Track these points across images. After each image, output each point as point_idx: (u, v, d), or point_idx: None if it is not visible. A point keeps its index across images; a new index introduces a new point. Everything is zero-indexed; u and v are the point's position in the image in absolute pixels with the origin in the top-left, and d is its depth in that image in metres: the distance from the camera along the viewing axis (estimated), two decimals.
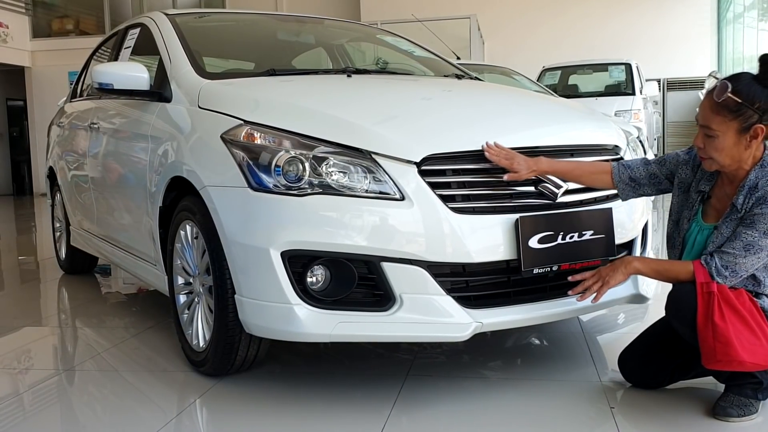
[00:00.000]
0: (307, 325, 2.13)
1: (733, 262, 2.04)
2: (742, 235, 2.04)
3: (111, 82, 2.98)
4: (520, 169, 2.21)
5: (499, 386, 2.44)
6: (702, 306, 2.02)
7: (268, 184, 2.19)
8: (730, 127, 2.04)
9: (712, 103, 2.05)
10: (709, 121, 2.07)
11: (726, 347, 1.96)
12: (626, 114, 8.67)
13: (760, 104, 2.00)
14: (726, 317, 1.98)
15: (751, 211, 2.04)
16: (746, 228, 2.04)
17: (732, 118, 2.03)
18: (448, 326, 2.15)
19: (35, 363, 2.99)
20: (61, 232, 4.82)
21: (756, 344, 1.97)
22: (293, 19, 3.92)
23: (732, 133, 2.04)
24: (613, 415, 2.15)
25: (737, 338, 1.96)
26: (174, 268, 2.72)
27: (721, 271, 2.05)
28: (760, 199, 2.03)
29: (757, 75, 2.03)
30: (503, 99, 2.90)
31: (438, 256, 2.14)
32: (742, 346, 1.96)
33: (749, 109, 2.00)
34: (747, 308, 2.01)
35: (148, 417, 2.28)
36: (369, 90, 2.82)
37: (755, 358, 1.97)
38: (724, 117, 2.03)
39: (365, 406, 2.29)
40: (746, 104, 2.00)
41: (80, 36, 14.17)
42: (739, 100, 2.00)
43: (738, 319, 1.99)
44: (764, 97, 2.00)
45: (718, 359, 1.99)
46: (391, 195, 2.14)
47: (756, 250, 2.02)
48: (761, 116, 2.01)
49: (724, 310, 1.99)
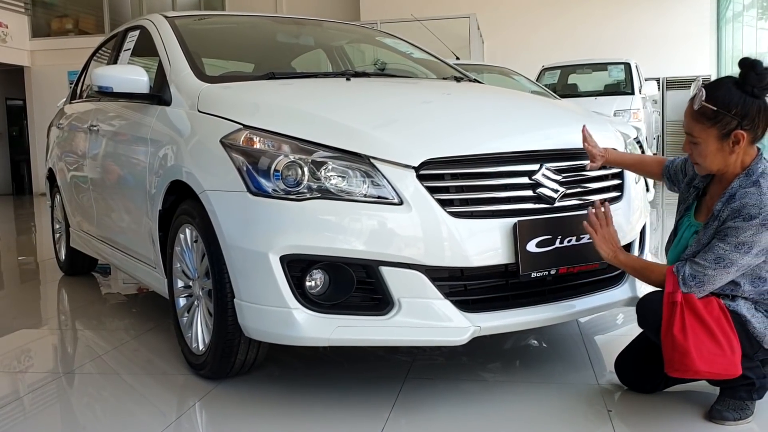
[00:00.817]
0: (306, 329, 2.14)
1: (702, 273, 2.04)
2: (715, 248, 2.03)
3: (110, 86, 2.99)
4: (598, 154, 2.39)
5: (497, 389, 2.45)
6: (666, 315, 2.05)
7: (267, 188, 2.20)
8: (710, 134, 2.05)
9: (691, 111, 2.07)
10: (690, 128, 2.09)
11: (683, 357, 1.99)
12: (625, 113, 8.67)
13: (737, 110, 2.00)
14: (687, 328, 2.00)
15: (725, 223, 2.04)
16: (719, 240, 2.03)
17: (711, 126, 2.04)
18: (446, 330, 2.16)
19: (35, 365, 3.00)
20: (60, 233, 4.83)
21: (716, 354, 1.98)
22: (292, 21, 3.93)
23: (713, 139, 2.05)
24: (610, 418, 2.16)
25: (696, 349, 1.97)
26: (173, 271, 2.73)
27: (688, 281, 2.06)
28: (734, 211, 2.01)
29: (737, 80, 2.04)
30: (501, 102, 2.91)
31: (436, 261, 2.15)
32: (700, 357, 1.97)
33: (726, 115, 2.01)
34: (714, 317, 2.02)
35: (149, 420, 2.29)
36: (368, 93, 2.83)
37: (713, 368, 1.99)
38: (703, 125, 2.05)
39: (364, 409, 2.30)
40: (722, 111, 2.01)
41: (79, 35, 14.16)
42: (714, 107, 2.01)
43: (702, 329, 2.00)
44: (741, 102, 2.00)
45: (676, 368, 2.02)
46: (389, 199, 2.15)
47: (726, 264, 2.01)
48: (740, 122, 2.01)
49: (687, 320, 2.01)
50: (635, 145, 2.93)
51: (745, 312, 2.07)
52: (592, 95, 9.39)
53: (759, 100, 2.02)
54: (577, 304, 2.35)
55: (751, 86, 2.00)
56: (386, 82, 3.24)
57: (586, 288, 2.38)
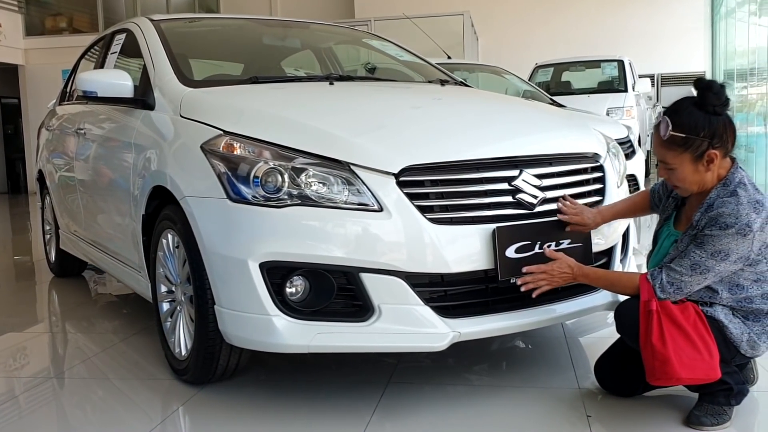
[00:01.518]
0: (286, 336, 2.14)
1: (679, 279, 2.06)
2: (691, 254, 2.05)
3: (95, 90, 2.99)
4: (589, 222, 2.33)
5: (481, 393, 2.46)
6: (643, 324, 2.06)
7: (246, 195, 2.20)
8: (684, 159, 2.07)
9: (660, 141, 2.09)
10: (663, 156, 2.11)
11: (664, 365, 2.01)
12: (618, 111, 8.67)
13: (705, 132, 2.03)
14: (666, 335, 2.02)
15: (703, 231, 2.05)
16: (696, 247, 2.05)
17: (683, 151, 2.06)
18: (426, 336, 2.16)
19: (24, 367, 3.01)
20: (50, 234, 4.83)
21: (696, 359, 2.00)
22: (280, 24, 3.92)
23: (687, 163, 2.07)
24: (589, 423, 2.17)
25: (676, 355, 1.99)
26: (157, 276, 2.74)
27: (666, 287, 2.07)
28: (711, 219, 2.03)
29: (696, 100, 2.06)
30: (483, 107, 2.91)
31: (416, 267, 2.16)
32: (680, 363, 1.99)
33: (696, 139, 2.03)
34: (691, 322, 2.04)
35: (134, 423, 2.31)
36: (350, 99, 2.83)
37: (694, 374, 2.01)
38: (675, 151, 2.07)
39: (347, 412, 2.31)
40: (691, 136, 2.03)
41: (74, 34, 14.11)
42: (683, 134, 2.04)
43: (680, 335, 2.02)
44: (707, 123, 2.03)
45: (657, 377, 2.05)
46: (369, 206, 2.16)
47: (702, 270, 2.03)
48: (710, 141, 2.04)
49: (664, 327, 2.03)
50: (618, 147, 2.92)
51: (722, 318, 2.08)
52: (585, 93, 9.38)
53: (722, 116, 2.05)
54: (558, 309, 2.36)
55: (711, 105, 2.03)
56: (369, 86, 3.23)
57: (566, 292, 2.38)
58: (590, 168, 2.54)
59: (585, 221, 2.33)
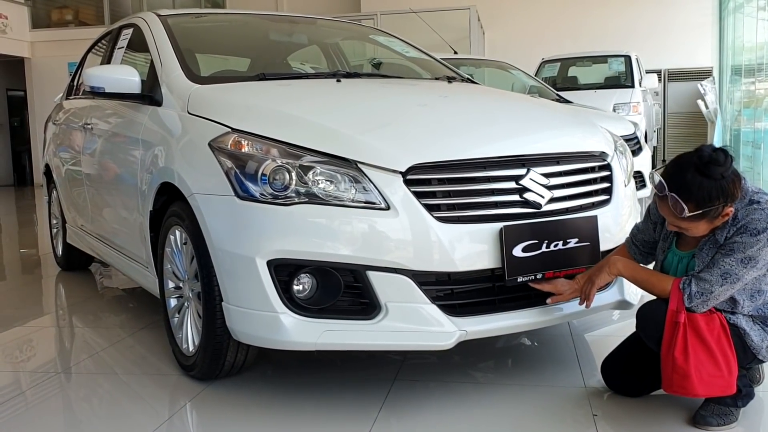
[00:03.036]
0: (293, 333, 2.15)
1: (708, 290, 2.03)
2: (720, 263, 2.04)
3: (102, 86, 3.00)
4: (564, 290, 2.29)
5: (487, 390, 2.47)
6: (667, 334, 2.05)
7: (254, 192, 2.21)
8: (699, 224, 2.06)
9: (671, 212, 2.06)
10: (676, 223, 2.08)
11: (683, 380, 2.01)
12: (625, 106, 8.64)
13: (719, 199, 2.00)
14: (689, 349, 2.01)
15: (731, 238, 2.04)
16: (724, 256, 2.04)
17: (699, 220, 2.04)
18: (432, 335, 2.17)
19: (33, 361, 3.03)
20: (57, 228, 4.84)
21: (715, 376, 2.01)
22: (287, 20, 3.92)
23: (703, 225, 2.06)
24: (595, 422, 2.18)
25: (696, 371, 1.99)
26: (164, 272, 2.75)
27: (694, 298, 2.05)
28: (740, 228, 2.03)
29: (700, 168, 2.01)
30: (490, 105, 2.90)
31: (423, 265, 2.16)
32: (699, 379, 1.99)
33: (712, 208, 2.01)
34: (715, 336, 2.03)
35: (142, 418, 2.32)
36: (357, 96, 2.83)
37: (711, 390, 2.02)
38: (690, 221, 2.05)
39: (353, 409, 2.32)
40: (708, 208, 2.01)
41: (79, 27, 14.13)
42: (701, 210, 2.01)
43: (703, 350, 2.02)
44: (719, 191, 1.99)
45: (674, 389, 2.05)
46: (376, 204, 2.16)
47: (732, 280, 2.02)
48: (725, 203, 2.01)
49: (689, 341, 2.02)
50: (626, 145, 2.91)
51: (744, 325, 2.09)
52: (591, 88, 9.35)
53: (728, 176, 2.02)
54: (564, 308, 2.36)
55: (719, 174, 2.00)
56: (376, 83, 3.23)
57: None
58: (598, 167, 2.54)
59: (559, 289, 2.29)
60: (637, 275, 2.21)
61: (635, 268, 2.23)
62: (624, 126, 5.78)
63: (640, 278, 2.20)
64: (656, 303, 2.15)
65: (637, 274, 2.21)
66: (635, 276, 2.21)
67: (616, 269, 2.22)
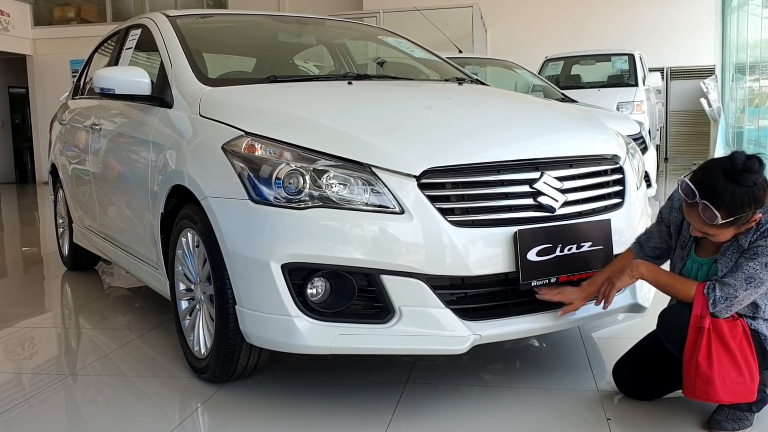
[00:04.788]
0: (307, 337, 2.15)
1: (733, 295, 2.02)
2: (744, 267, 2.03)
3: (112, 87, 2.99)
4: (573, 299, 2.28)
5: (498, 393, 2.47)
6: (691, 339, 2.04)
7: (268, 196, 2.20)
8: (728, 230, 2.05)
9: (701, 219, 2.04)
10: (705, 230, 2.06)
11: (706, 386, 2.00)
12: (629, 105, 8.63)
13: (751, 206, 1.99)
14: (713, 355, 2.00)
15: (755, 242, 2.04)
16: (748, 260, 2.03)
17: (729, 226, 2.03)
18: (446, 339, 2.17)
19: (41, 363, 3.02)
20: (64, 228, 4.84)
21: (738, 382, 2.00)
22: (295, 20, 3.91)
23: (732, 231, 2.06)
24: (609, 426, 2.18)
25: (720, 377, 1.99)
26: (175, 274, 2.74)
27: (718, 303, 2.04)
28: (765, 232, 2.03)
29: (727, 173, 1.99)
30: (503, 108, 2.90)
31: (437, 269, 2.16)
32: (723, 385, 1.99)
33: (743, 215, 2.00)
34: (737, 342, 2.03)
35: (153, 423, 2.32)
36: (369, 99, 2.82)
37: (733, 397, 2.01)
38: (720, 228, 2.03)
39: (366, 412, 2.32)
40: (740, 215, 2.00)
41: (82, 24, 14.10)
42: (732, 218, 2.00)
43: (726, 356, 2.01)
44: (750, 198, 1.98)
45: (697, 395, 2.04)
46: (390, 208, 2.16)
47: (757, 284, 2.01)
48: (755, 210, 2.01)
49: (713, 347, 2.01)
50: (636, 148, 2.91)
51: (765, 330, 2.09)
52: (595, 87, 9.34)
53: (759, 183, 2.01)
54: (578, 312, 2.35)
55: (751, 182, 1.98)
56: (387, 86, 3.23)
57: None
58: (610, 170, 2.53)
59: (568, 298, 2.28)
60: (660, 279, 2.18)
61: (657, 271, 2.21)
62: (629, 125, 5.78)
63: (663, 282, 2.18)
64: (679, 308, 2.13)
65: (659, 277, 2.19)
66: (658, 279, 2.19)
67: (639, 272, 2.19)
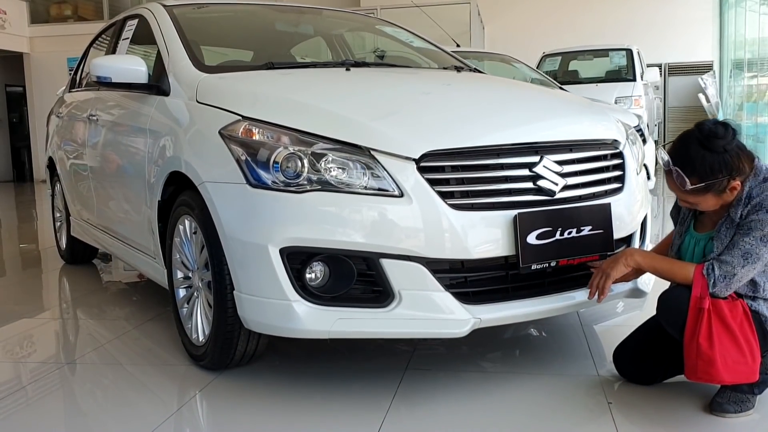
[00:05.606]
0: (306, 321, 2.14)
1: (731, 272, 2.02)
2: (740, 243, 2.03)
3: (109, 76, 2.98)
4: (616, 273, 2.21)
5: (497, 380, 2.45)
6: (691, 320, 2.03)
7: (266, 180, 2.19)
8: (706, 197, 2.08)
9: (679, 190, 2.09)
10: (684, 197, 2.11)
11: (708, 366, 1.99)
12: (627, 100, 8.63)
13: (723, 172, 2.02)
14: (714, 336, 1.99)
15: (747, 217, 2.04)
16: (743, 236, 2.03)
17: (704, 193, 2.06)
18: (446, 322, 2.16)
19: (38, 354, 3.01)
20: (61, 222, 4.82)
21: (740, 362, 1.99)
22: (292, 10, 3.90)
23: (711, 198, 2.08)
24: (610, 410, 2.16)
25: (722, 357, 1.98)
26: (173, 262, 2.73)
27: (718, 282, 2.03)
28: (756, 206, 2.03)
29: (702, 142, 2.03)
30: (502, 93, 2.88)
31: (437, 253, 2.14)
32: (725, 365, 1.98)
33: (715, 181, 2.03)
34: (738, 322, 2.02)
35: (150, 410, 2.30)
36: (368, 84, 2.81)
37: (736, 377, 2.00)
38: (696, 195, 2.07)
39: (365, 399, 2.30)
40: (710, 181, 2.03)
41: (78, 22, 14.08)
42: (704, 183, 2.03)
43: (727, 336, 2.00)
44: (721, 164, 2.02)
45: (699, 376, 2.03)
46: (389, 191, 2.14)
47: (754, 259, 2.01)
48: (730, 176, 2.03)
49: (713, 326, 2.00)
50: (637, 135, 2.90)
51: (765, 311, 2.08)
52: (593, 82, 9.33)
53: (731, 149, 2.03)
54: (578, 296, 2.34)
55: (721, 147, 2.02)
56: (386, 72, 3.22)
57: (587, 280, 2.36)
58: (610, 155, 2.52)
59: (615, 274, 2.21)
60: (656, 264, 2.18)
61: (653, 257, 2.21)
62: (628, 118, 5.76)
63: (660, 267, 2.18)
64: (678, 290, 2.12)
65: (656, 263, 2.19)
66: (654, 266, 2.19)
67: (634, 261, 2.19)
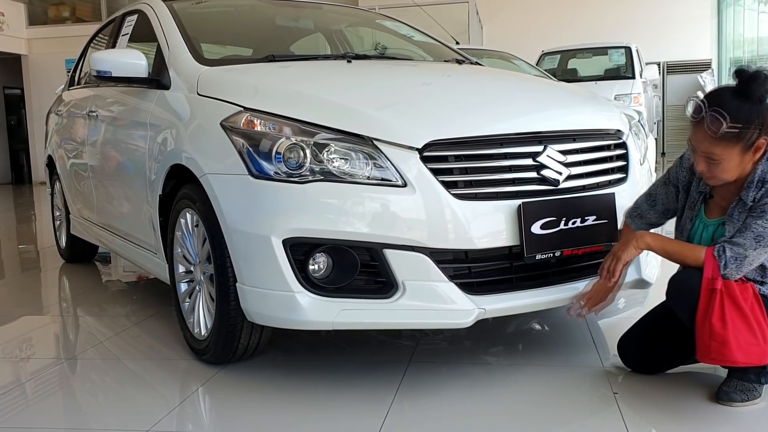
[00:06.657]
0: (310, 312, 2.12)
1: (742, 254, 2.00)
2: (753, 226, 2.01)
3: (109, 70, 2.96)
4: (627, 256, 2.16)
5: (501, 372, 2.44)
6: (703, 302, 2.01)
7: (268, 171, 2.17)
8: (733, 151, 2.01)
9: (706, 135, 2.02)
10: (710, 149, 2.03)
11: (721, 347, 1.97)
12: (626, 98, 8.63)
13: (757, 121, 1.98)
14: (726, 316, 1.97)
15: (761, 201, 2.02)
16: (756, 219, 2.01)
17: (734, 144, 2.00)
18: (450, 313, 2.14)
19: (37, 351, 2.99)
20: (61, 220, 4.81)
21: (752, 344, 1.97)
22: (292, 5, 3.89)
23: (736, 155, 2.02)
24: (616, 400, 2.15)
25: (734, 338, 1.96)
26: (174, 257, 2.71)
27: (729, 263, 2.01)
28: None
29: (736, 89, 2.00)
30: (505, 84, 2.88)
31: (440, 243, 2.13)
32: (738, 346, 1.96)
33: (748, 130, 1.98)
34: (749, 304, 2.00)
35: (152, 405, 2.27)
36: (369, 75, 2.80)
37: (749, 358, 1.98)
38: (725, 144, 2.00)
39: (368, 394, 2.29)
40: (746, 127, 1.98)
41: (76, 23, 14.06)
42: (738, 127, 1.98)
43: (739, 317, 1.98)
44: (757, 113, 1.98)
45: (712, 357, 2.01)
46: (392, 181, 2.13)
47: (766, 242, 1.99)
48: (760, 130, 2.00)
49: (726, 307, 1.98)
50: (640, 126, 2.89)
51: None
52: (592, 80, 9.33)
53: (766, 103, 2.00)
54: (582, 287, 2.33)
55: (758, 95, 1.98)
56: (388, 64, 3.20)
57: (591, 270, 2.36)
58: (613, 145, 2.51)
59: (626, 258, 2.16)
60: (667, 246, 2.14)
61: (664, 240, 2.17)
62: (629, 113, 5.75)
63: (671, 250, 2.13)
64: (689, 272, 2.09)
65: (666, 245, 2.14)
66: (665, 248, 2.14)
67: (645, 243, 2.14)
